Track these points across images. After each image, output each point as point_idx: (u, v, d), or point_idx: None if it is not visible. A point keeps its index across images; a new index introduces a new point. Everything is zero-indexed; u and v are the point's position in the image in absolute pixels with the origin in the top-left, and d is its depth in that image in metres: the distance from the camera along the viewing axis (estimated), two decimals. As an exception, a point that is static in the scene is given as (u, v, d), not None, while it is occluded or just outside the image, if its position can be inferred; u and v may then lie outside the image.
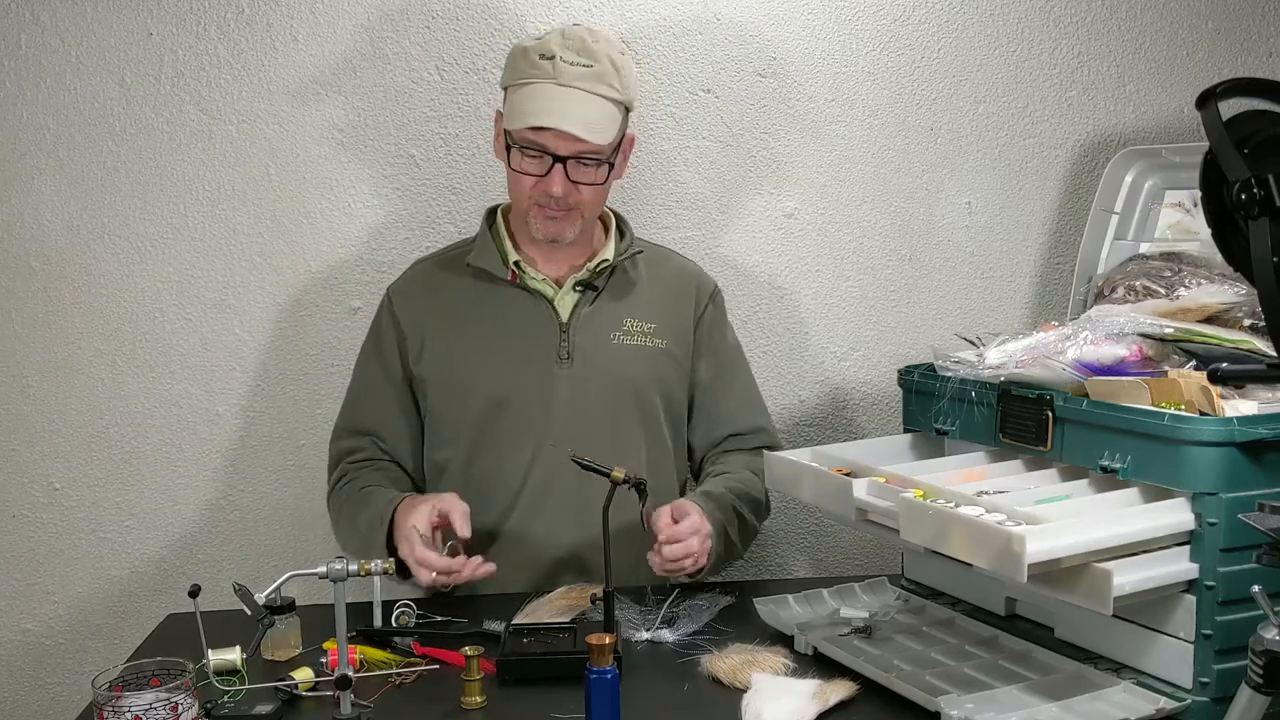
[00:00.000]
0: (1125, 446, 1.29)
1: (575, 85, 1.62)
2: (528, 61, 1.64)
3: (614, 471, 1.48)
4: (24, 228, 2.03)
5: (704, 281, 1.88)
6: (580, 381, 1.74)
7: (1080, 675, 1.31)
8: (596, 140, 1.63)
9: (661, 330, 1.80)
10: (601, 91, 1.64)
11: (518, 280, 1.76)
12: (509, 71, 1.69)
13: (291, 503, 2.14)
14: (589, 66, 1.62)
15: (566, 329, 1.75)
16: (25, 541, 2.11)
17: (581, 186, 1.67)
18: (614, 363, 1.76)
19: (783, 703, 1.27)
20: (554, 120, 1.61)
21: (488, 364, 1.75)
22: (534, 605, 1.60)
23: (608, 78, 1.64)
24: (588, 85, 1.63)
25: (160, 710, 1.20)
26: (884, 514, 1.35)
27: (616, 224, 1.84)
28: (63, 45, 1.99)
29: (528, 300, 1.77)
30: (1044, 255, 2.25)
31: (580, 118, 1.62)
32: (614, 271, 1.78)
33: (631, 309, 1.79)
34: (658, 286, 1.82)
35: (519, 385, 1.74)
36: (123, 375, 2.08)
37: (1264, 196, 1.01)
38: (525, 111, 1.63)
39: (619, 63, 1.66)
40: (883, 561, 2.18)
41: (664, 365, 1.80)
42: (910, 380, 1.62)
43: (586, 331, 1.76)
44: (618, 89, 1.66)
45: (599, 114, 1.64)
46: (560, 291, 1.77)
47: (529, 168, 1.66)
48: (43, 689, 2.14)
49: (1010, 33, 2.17)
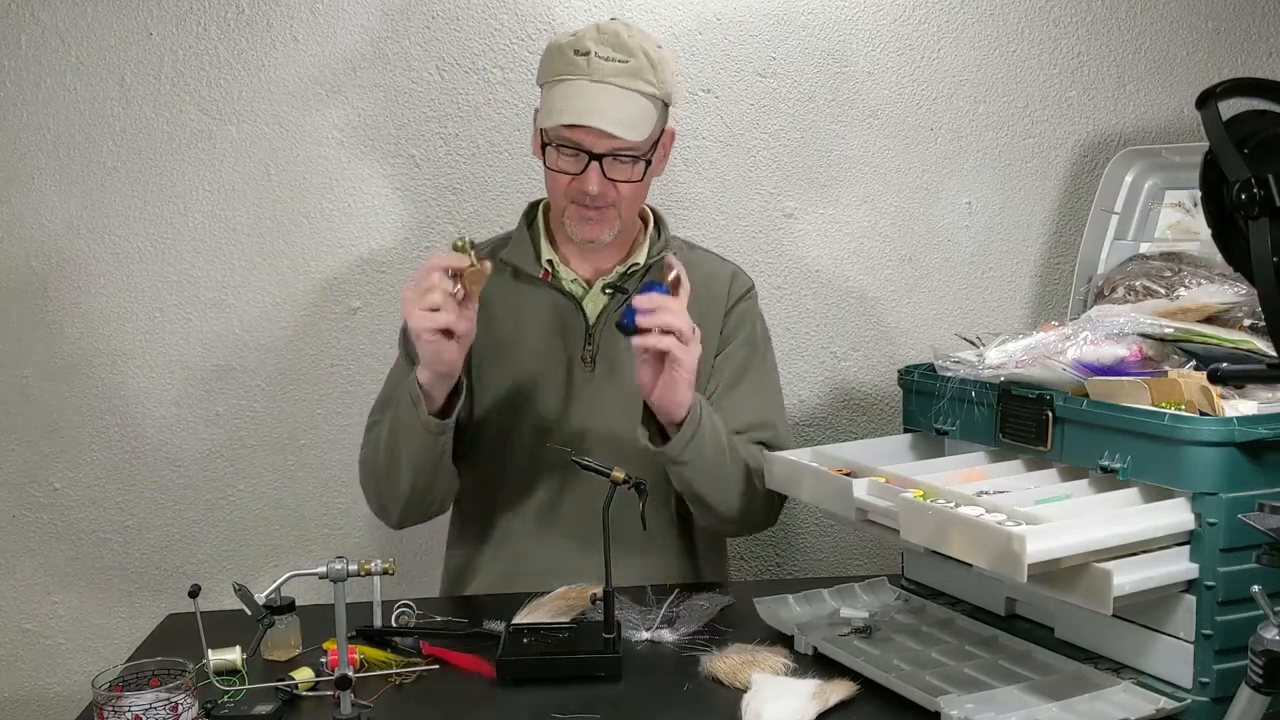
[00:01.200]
0: (1125, 446, 1.29)
1: (610, 81, 1.59)
2: (562, 58, 1.62)
3: (614, 471, 1.48)
4: (24, 228, 2.03)
5: (737, 282, 1.83)
6: (601, 386, 1.73)
7: (1080, 675, 1.31)
8: (632, 137, 1.60)
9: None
10: (637, 87, 1.61)
11: (550, 279, 1.75)
12: (544, 69, 1.66)
13: (291, 503, 2.15)
14: (624, 62, 1.60)
15: (592, 332, 1.74)
16: (25, 541, 2.11)
17: (619, 184, 1.64)
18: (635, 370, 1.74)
19: (783, 703, 1.27)
20: (588, 118, 1.58)
21: (513, 362, 1.74)
22: (534, 605, 1.60)
23: (644, 73, 1.61)
24: (623, 81, 1.60)
25: (160, 710, 1.20)
26: (884, 514, 1.35)
27: (655, 223, 1.81)
28: (63, 45, 1.99)
29: (558, 300, 1.75)
30: (1044, 255, 2.25)
31: (615, 114, 1.59)
32: (646, 274, 1.76)
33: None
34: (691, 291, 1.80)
35: (542, 385, 1.73)
36: (123, 375, 2.08)
37: (1264, 196, 1.01)
38: (560, 109, 1.60)
39: (655, 57, 1.63)
40: (883, 561, 2.19)
41: None
42: (910, 380, 1.62)
43: (612, 336, 1.73)
44: (654, 84, 1.63)
45: (634, 110, 1.61)
46: (590, 292, 1.76)
47: (565, 165, 1.63)
48: (43, 689, 2.14)
49: (1010, 32, 2.17)
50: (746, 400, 1.79)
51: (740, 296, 1.82)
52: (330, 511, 2.16)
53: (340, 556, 1.32)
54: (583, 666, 1.40)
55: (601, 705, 1.33)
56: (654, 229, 1.80)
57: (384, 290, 2.09)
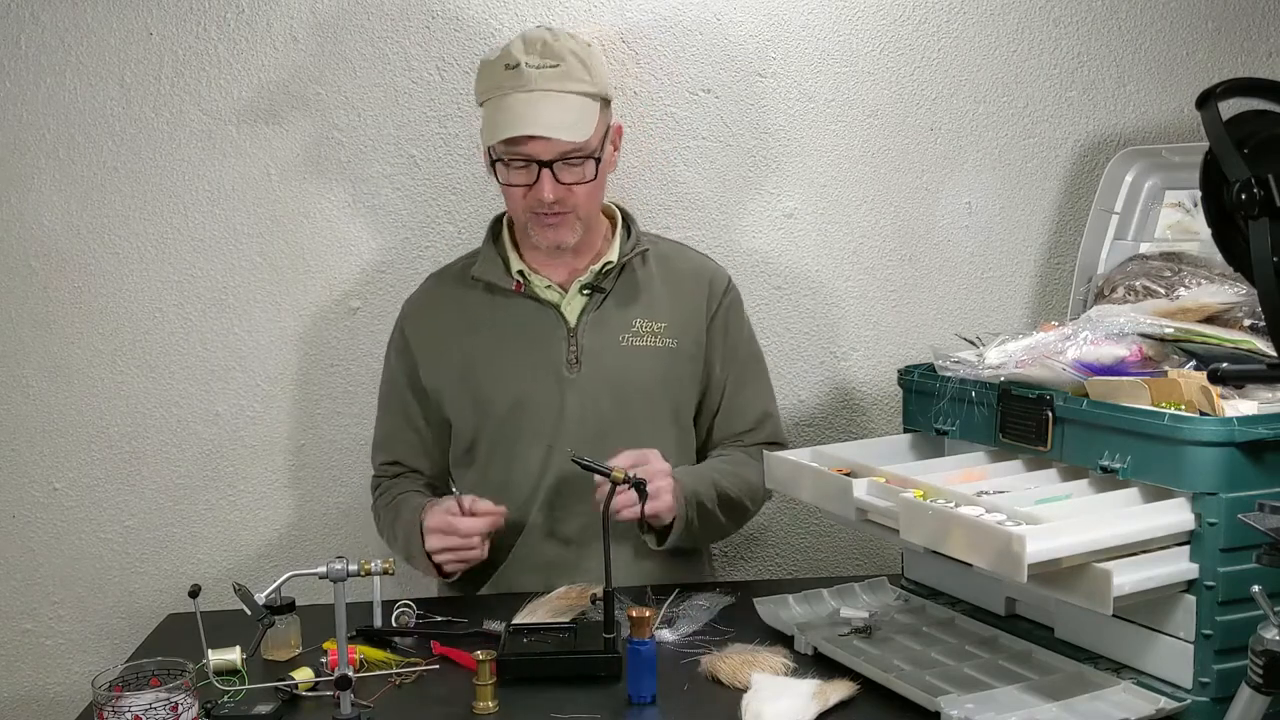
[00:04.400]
0: (1125, 446, 1.29)
1: (543, 88, 1.61)
2: (494, 74, 1.64)
3: (614, 471, 1.49)
4: (24, 228, 2.03)
5: (717, 276, 1.86)
6: (589, 386, 1.74)
7: (1080, 675, 1.31)
8: (574, 138, 1.62)
9: (672, 329, 1.78)
10: (571, 89, 1.63)
11: (523, 289, 1.76)
12: (479, 88, 1.69)
13: (291, 503, 2.15)
14: (554, 66, 1.62)
15: (574, 334, 1.75)
16: (25, 541, 2.11)
17: (573, 187, 1.66)
18: (622, 366, 1.75)
19: (783, 703, 1.27)
20: (528, 127, 1.60)
21: (499, 375, 1.75)
22: (534, 605, 1.60)
23: (575, 73, 1.63)
24: (556, 85, 1.62)
25: (160, 710, 1.20)
26: (884, 514, 1.35)
27: (623, 221, 1.83)
28: (63, 45, 1.99)
29: (535, 309, 1.76)
30: (1044, 255, 2.25)
31: (554, 120, 1.61)
32: (622, 271, 1.78)
33: (641, 309, 1.77)
34: (669, 284, 1.81)
35: (530, 394, 1.74)
36: (123, 375, 2.08)
37: (1264, 196, 1.01)
38: (500, 124, 1.62)
39: (584, 55, 1.66)
40: (883, 561, 2.19)
41: (674, 365, 1.78)
42: (910, 380, 1.62)
43: (594, 335, 1.75)
44: (587, 81, 1.65)
45: (572, 112, 1.63)
46: (566, 296, 1.76)
47: (517, 179, 1.66)
48: (43, 689, 2.14)
49: (1010, 32, 2.17)
50: (750, 401, 1.86)
51: (722, 295, 1.85)
52: (330, 511, 2.15)
53: (340, 556, 1.32)
54: (583, 666, 1.40)
55: (601, 705, 1.33)
56: (623, 226, 1.82)
57: (384, 290, 2.09)
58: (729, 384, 1.84)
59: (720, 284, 1.85)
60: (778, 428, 1.90)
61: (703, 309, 1.82)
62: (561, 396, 1.74)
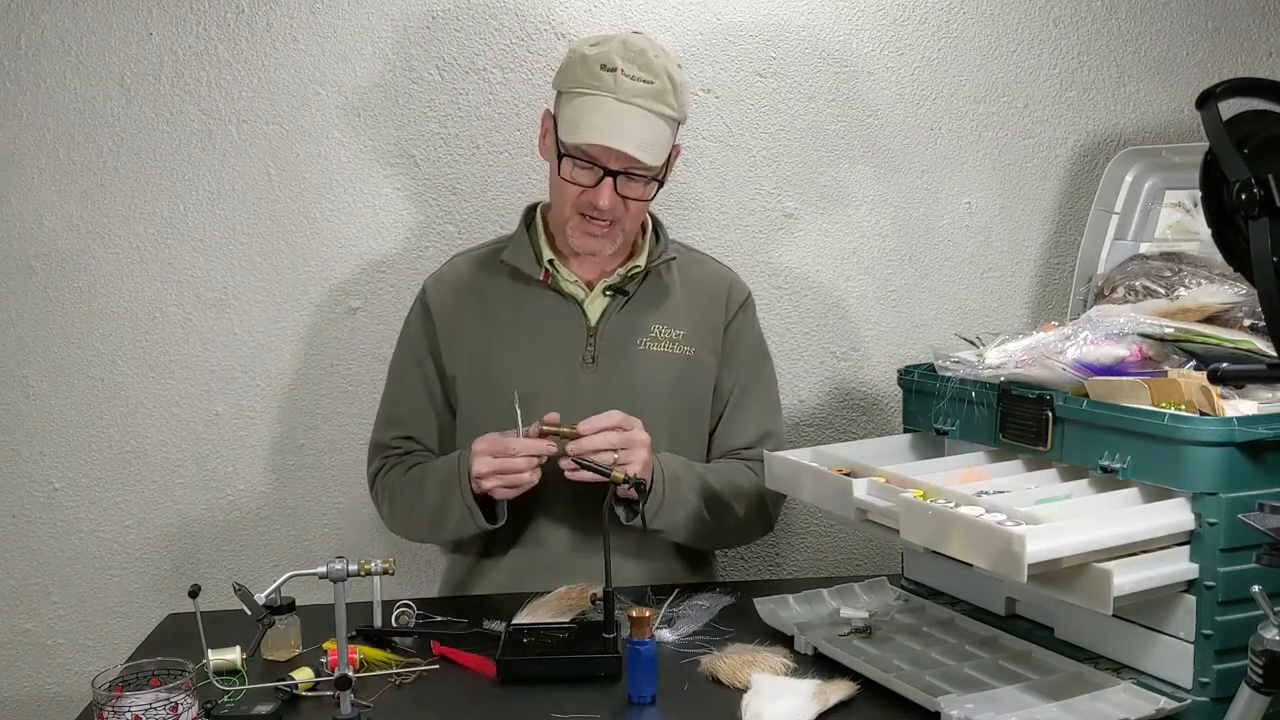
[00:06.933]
0: (1125, 446, 1.29)
1: (634, 102, 1.59)
2: (588, 71, 1.61)
3: (614, 472, 1.49)
4: (24, 228, 2.03)
5: (736, 289, 1.85)
6: (602, 386, 1.73)
7: (1080, 675, 1.31)
8: (653, 161, 1.61)
9: (690, 337, 1.77)
10: (660, 110, 1.61)
11: (550, 280, 1.76)
12: (566, 77, 1.65)
13: (291, 503, 2.15)
14: (649, 83, 1.60)
15: (594, 333, 1.74)
16: (25, 541, 2.11)
17: (629, 202, 1.65)
18: (637, 369, 1.74)
19: (783, 703, 1.27)
20: (613, 139, 1.58)
21: (514, 363, 1.74)
22: (534, 605, 1.60)
23: (666, 96, 1.61)
24: (647, 103, 1.60)
25: (160, 710, 1.20)
26: (884, 514, 1.35)
27: (654, 227, 1.82)
28: (63, 45, 1.99)
29: (558, 302, 1.76)
30: (1044, 255, 2.25)
31: (638, 137, 1.59)
32: (646, 276, 1.77)
33: (661, 315, 1.77)
34: (689, 293, 1.80)
35: (543, 386, 1.73)
36: (123, 375, 2.08)
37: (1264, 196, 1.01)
38: (584, 126, 1.60)
39: (677, 79, 1.64)
40: (883, 561, 2.19)
41: (689, 373, 1.77)
42: (910, 380, 1.62)
43: (613, 337, 1.74)
44: (674, 107, 1.63)
45: (655, 133, 1.61)
46: (591, 294, 1.76)
47: (579, 178, 1.64)
48: (43, 689, 2.14)
49: (1010, 33, 2.17)
50: (751, 417, 1.84)
51: (739, 307, 1.84)
52: (330, 511, 2.15)
53: (340, 556, 1.32)
54: (583, 666, 1.40)
55: (601, 705, 1.33)
56: (653, 232, 1.81)
57: (384, 290, 2.09)
58: (732, 397, 1.83)
59: (739, 296, 1.85)
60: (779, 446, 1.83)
61: (720, 320, 1.81)
62: (573, 393, 1.73)
